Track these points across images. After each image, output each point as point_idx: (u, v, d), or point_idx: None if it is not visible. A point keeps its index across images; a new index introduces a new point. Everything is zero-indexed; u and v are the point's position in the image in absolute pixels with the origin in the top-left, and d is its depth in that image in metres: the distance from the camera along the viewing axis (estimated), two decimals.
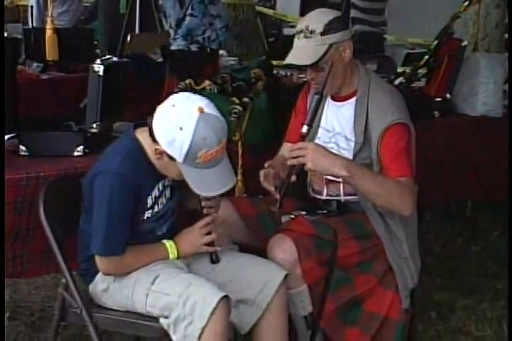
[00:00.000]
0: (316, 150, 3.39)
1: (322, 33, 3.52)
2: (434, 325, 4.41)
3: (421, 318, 4.18)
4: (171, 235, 3.30)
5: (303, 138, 3.46)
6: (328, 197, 3.76)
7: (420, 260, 3.77)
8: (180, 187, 3.26)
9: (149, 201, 3.16)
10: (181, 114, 2.98)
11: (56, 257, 3.22)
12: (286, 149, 3.77)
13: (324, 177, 3.68)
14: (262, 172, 3.54)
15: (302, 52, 3.56)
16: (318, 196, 3.79)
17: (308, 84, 3.84)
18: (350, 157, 3.59)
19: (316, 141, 3.69)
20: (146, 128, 3.08)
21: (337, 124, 3.72)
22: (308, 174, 3.76)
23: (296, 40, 3.60)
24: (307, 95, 3.82)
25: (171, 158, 3.02)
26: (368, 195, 3.51)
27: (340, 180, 3.61)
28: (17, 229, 3.42)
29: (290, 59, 3.60)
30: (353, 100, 3.67)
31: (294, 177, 3.46)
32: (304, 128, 3.45)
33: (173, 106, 3.01)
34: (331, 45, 3.53)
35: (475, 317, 4.54)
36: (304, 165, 3.39)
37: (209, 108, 3.01)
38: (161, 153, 3.03)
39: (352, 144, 3.63)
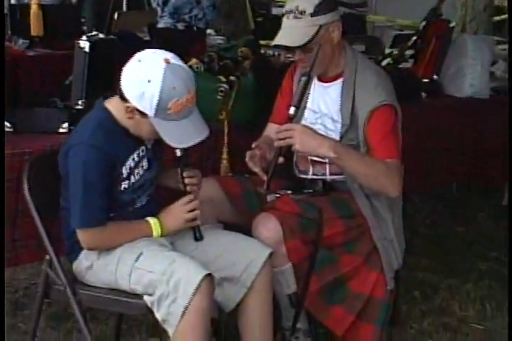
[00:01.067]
0: (304, 132, 3.39)
1: (312, 14, 3.50)
2: (418, 304, 4.44)
3: (405, 298, 4.20)
4: (150, 207, 3.30)
5: (290, 119, 3.46)
6: (314, 177, 3.76)
7: (405, 240, 3.78)
8: (157, 158, 3.27)
9: (125, 171, 3.14)
10: (148, 66, 2.98)
11: (40, 233, 3.20)
12: (271, 130, 3.77)
13: (309, 157, 3.68)
14: (248, 154, 3.53)
15: (292, 33, 3.54)
16: (303, 176, 3.79)
17: (294, 65, 3.82)
18: (337, 138, 3.59)
19: (303, 122, 3.69)
20: (116, 97, 3.09)
21: (323, 105, 3.71)
22: (294, 154, 3.76)
23: (285, 19, 3.57)
24: (293, 76, 3.82)
25: (143, 114, 3.02)
26: (355, 176, 3.51)
27: (326, 160, 3.61)
28: (6, 210, 3.39)
29: (279, 39, 3.57)
30: (339, 81, 3.66)
31: (281, 159, 3.46)
32: (292, 110, 3.45)
33: (139, 61, 3.01)
34: (320, 27, 3.51)
35: (459, 298, 4.56)
36: (291, 146, 3.40)
37: (175, 59, 3.02)
38: (132, 111, 3.03)
39: (339, 125, 3.63)
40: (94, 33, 3.76)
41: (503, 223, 5.92)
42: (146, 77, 2.95)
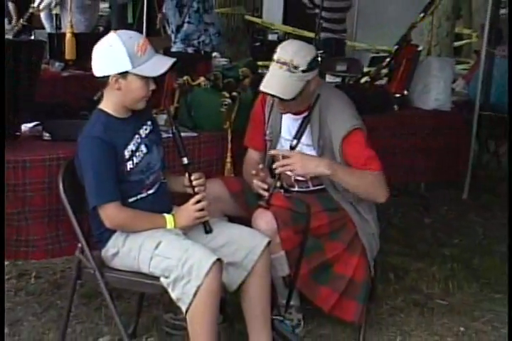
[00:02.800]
0: (303, 157, 3.44)
1: (304, 71, 3.42)
2: (392, 284, 4.42)
3: (381, 279, 4.18)
4: (162, 194, 3.31)
5: (292, 148, 3.49)
6: (299, 189, 3.76)
7: (381, 230, 3.78)
8: (155, 144, 3.30)
9: (126, 153, 3.16)
10: (104, 41, 3.16)
11: (73, 225, 3.20)
12: (253, 155, 3.80)
13: (293, 177, 3.67)
14: (255, 181, 3.53)
15: (283, 85, 3.43)
16: (291, 188, 3.79)
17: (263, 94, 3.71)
18: None
19: (278, 148, 3.69)
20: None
21: (301, 136, 3.63)
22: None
23: (276, 67, 3.45)
24: (263, 105, 3.75)
25: (124, 75, 3.11)
26: (349, 187, 3.51)
27: (307, 178, 3.62)
28: (49, 209, 3.40)
29: (271, 87, 3.44)
30: (306, 113, 3.59)
31: (278, 183, 3.53)
32: (294, 142, 3.49)
33: (98, 45, 3.18)
34: (307, 82, 3.46)
35: (426, 278, 4.54)
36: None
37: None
38: (117, 79, 3.13)
39: (313, 151, 3.60)
40: None
41: (462, 214, 5.94)
42: (107, 46, 3.13)
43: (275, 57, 3.47)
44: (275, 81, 3.45)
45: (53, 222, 3.42)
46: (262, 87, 3.46)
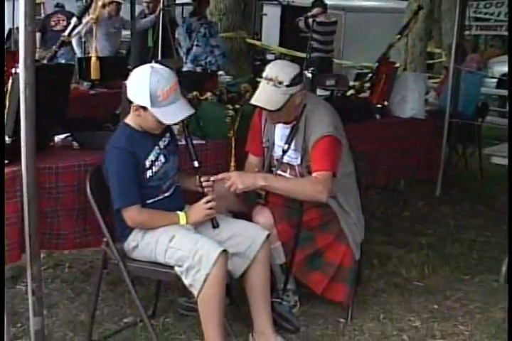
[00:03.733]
0: (240, 174, 3.40)
1: (287, 86, 3.41)
2: (376, 269, 4.40)
3: (366, 264, 4.17)
4: (177, 196, 3.30)
5: (284, 152, 3.57)
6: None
7: (365, 222, 3.76)
8: (172, 154, 3.27)
9: (147, 163, 3.15)
10: (139, 72, 3.08)
11: (99, 222, 3.19)
12: (252, 160, 3.76)
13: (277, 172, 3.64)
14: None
15: (269, 98, 3.43)
16: None
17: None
18: (299, 162, 3.58)
19: (274, 154, 3.68)
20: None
21: (291, 141, 3.61)
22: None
23: (265, 83, 3.44)
24: (260, 116, 3.72)
25: (144, 108, 3.05)
26: (287, 193, 3.44)
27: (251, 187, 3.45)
28: (78, 208, 3.38)
29: (259, 100, 3.45)
30: (295, 122, 3.57)
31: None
32: (285, 147, 3.56)
33: (134, 72, 3.12)
34: (291, 96, 3.43)
35: (405, 264, 4.52)
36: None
37: (157, 65, 3.14)
38: (137, 109, 3.08)
39: (298, 154, 3.58)
40: None
41: (436, 208, 5.92)
42: (138, 76, 3.06)
43: (264, 74, 3.48)
44: (263, 95, 3.46)
45: (81, 219, 3.41)
46: (253, 101, 3.49)
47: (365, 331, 3.63)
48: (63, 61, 7.01)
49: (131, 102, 3.10)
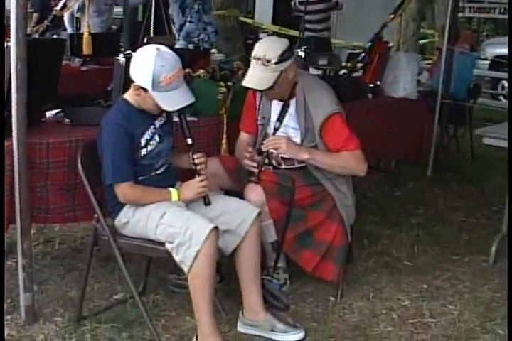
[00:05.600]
0: (289, 141, 3.46)
1: (276, 63, 3.38)
2: (366, 249, 4.41)
3: (356, 244, 4.17)
4: (169, 174, 3.29)
5: (275, 130, 3.57)
6: (286, 167, 3.70)
7: (356, 202, 3.76)
8: (167, 135, 3.26)
9: (142, 141, 3.14)
10: (144, 53, 3.05)
11: (90, 198, 3.17)
12: (245, 137, 3.76)
13: (280, 155, 3.63)
14: (245, 161, 3.52)
15: (259, 78, 3.42)
16: (279, 166, 3.74)
17: None
18: (299, 142, 3.57)
19: (269, 131, 3.65)
20: (130, 89, 3.13)
21: (284, 119, 3.62)
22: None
23: (254, 63, 3.42)
24: (255, 93, 3.68)
25: (145, 90, 3.03)
26: (328, 168, 3.52)
27: (293, 156, 3.57)
28: (67, 183, 3.37)
29: (249, 82, 3.45)
30: (293, 100, 3.57)
31: (266, 160, 3.57)
32: (277, 124, 3.56)
33: (140, 51, 3.09)
34: (281, 72, 3.41)
35: (395, 243, 4.53)
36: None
37: (164, 48, 3.08)
38: (137, 89, 3.06)
39: (298, 133, 3.57)
40: (128, 52, 3.70)
41: (427, 188, 5.93)
42: (143, 60, 3.02)
43: (252, 54, 3.46)
44: (253, 75, 3.45)
45: (70, 194, 3.41)
46: (244, 82, 3.48)
47: (355, 309, 3.64)
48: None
49: (132, 81, 3.07)
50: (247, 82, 3.46)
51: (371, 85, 5.37)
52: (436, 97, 6.24)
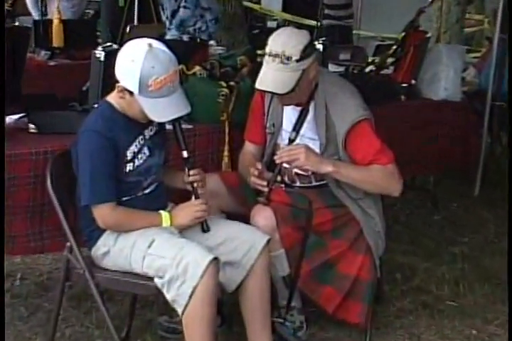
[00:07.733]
0: (308, 151, 3.42)
1: (298, 60, 3.38)
2: (399, 285, 4.43)
3: (387, 279, 4.19)
4: (159, 194, 3.31)
5: (291, 141, 3.54)
6: (301, 185, 3.75)
7: (387, 228, 3.78)
8: (158, 148, 3.28)
9: (129, 154, 3.15)
10: (133, 49, 3.05)
11: (61, 223, 3.19)
12: (250, 148, 3.80)
13: (294, 170, 3.65)
14: (252, 179, 3.53)
15: (277, 80, 3.40)
16: (292, 184, 3.77)
17: None
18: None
19: (281, 142, 3.68)
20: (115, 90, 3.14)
21: (300, 128, 3.62)
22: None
23: (269, 61, 3.40)
24: (263, 97, 3.72)
25: (130, 93, 3.05)
26: (355, 184, 3.52)
27: (309, 173, 3.61)
28: (32, 205, 3.40)
29: (263, 84, 3.43)
30: (312, 104, 3.58)
31: (279, 178, 3.57)
32: (292, 135, 3.54)
33: (128, 45, 3.09)
34: (303, 71, 3.42)
35: (435, 278, 4.55)
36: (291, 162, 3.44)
37: (157, 44, 3.08)
38: (122, 90, 3.07)
39: (317, 143, 3.58)
40: (108, 44, 3.74)
41: (473, 211, 5.94)
42: (131, 58, 3.02)
43: (267, 49, 3.44)
44: (269, 76, 3.43)
45: (36, 218, 3.44)
46: (257, 84, 3.47)
47: None
48: None
49: (117, 80, 3.09)
50: (261, 85, 3.46)
51: (404, 85, 5.41)
52: (485, 99, 6.26)
